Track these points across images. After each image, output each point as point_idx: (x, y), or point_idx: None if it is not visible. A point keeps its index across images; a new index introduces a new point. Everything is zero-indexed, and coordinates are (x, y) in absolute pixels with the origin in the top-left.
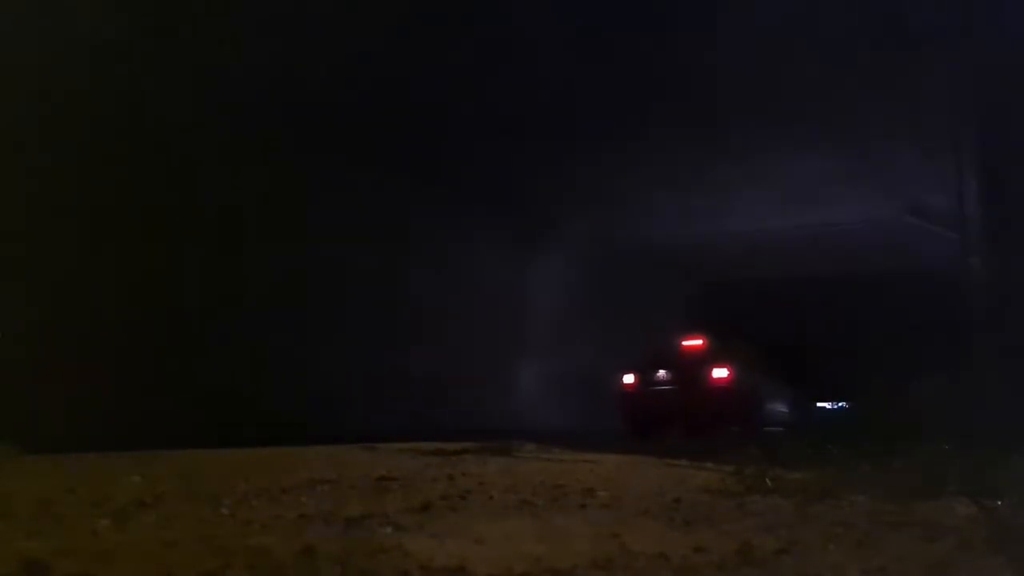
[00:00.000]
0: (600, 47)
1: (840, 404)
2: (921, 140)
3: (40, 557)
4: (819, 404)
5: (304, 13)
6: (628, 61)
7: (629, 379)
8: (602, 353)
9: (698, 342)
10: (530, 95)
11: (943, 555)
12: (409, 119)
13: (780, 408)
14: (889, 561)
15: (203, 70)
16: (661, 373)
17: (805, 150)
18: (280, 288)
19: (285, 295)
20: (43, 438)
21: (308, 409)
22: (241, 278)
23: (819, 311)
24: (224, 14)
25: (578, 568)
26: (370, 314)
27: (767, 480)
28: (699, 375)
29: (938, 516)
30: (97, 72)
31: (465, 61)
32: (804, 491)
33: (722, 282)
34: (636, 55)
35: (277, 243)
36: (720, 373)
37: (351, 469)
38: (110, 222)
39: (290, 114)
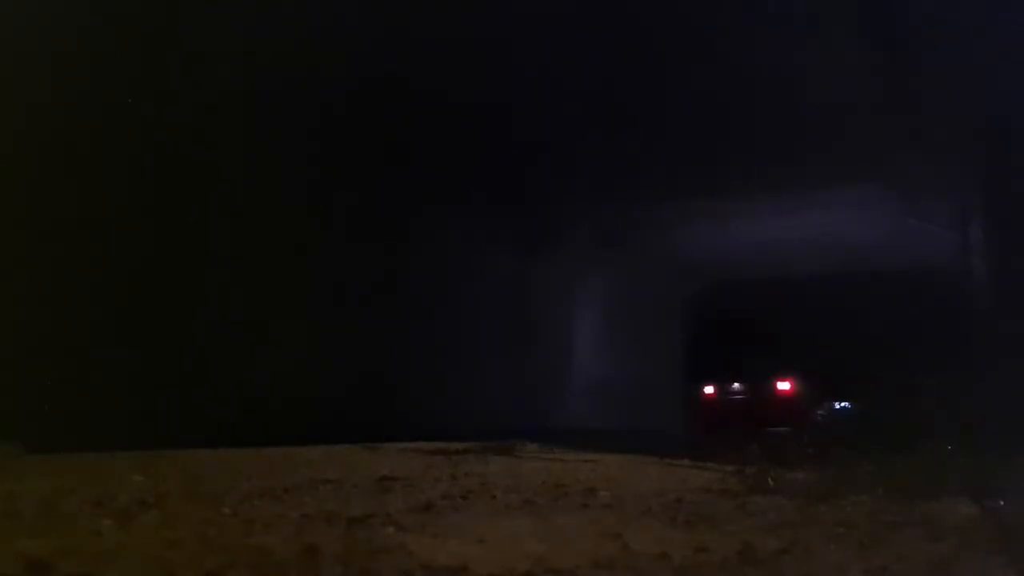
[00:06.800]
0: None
1: (843, 404)
2: (923, 141)
3: (43, 557)
4: (837, 405)
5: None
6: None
7: (709, 390)
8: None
9: (765, 359)
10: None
11: (945, 555)
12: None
13: (818, 410)
14: (891, 561)
15: None
16: (736, 385)
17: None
18: (287, 281)
19: (292, 288)
20: (44, 438)
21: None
22: (247, 274)
23: (818, 312)
24: None
25: (580, 568)
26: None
27: (769, 480)
28: (767, 386)
29: (940, 516)
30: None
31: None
32: (806, 491)
33: (728, 283)
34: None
35: (284, 241)
36: (784, 386)
37: (353, 469)
38: (111, 220)
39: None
